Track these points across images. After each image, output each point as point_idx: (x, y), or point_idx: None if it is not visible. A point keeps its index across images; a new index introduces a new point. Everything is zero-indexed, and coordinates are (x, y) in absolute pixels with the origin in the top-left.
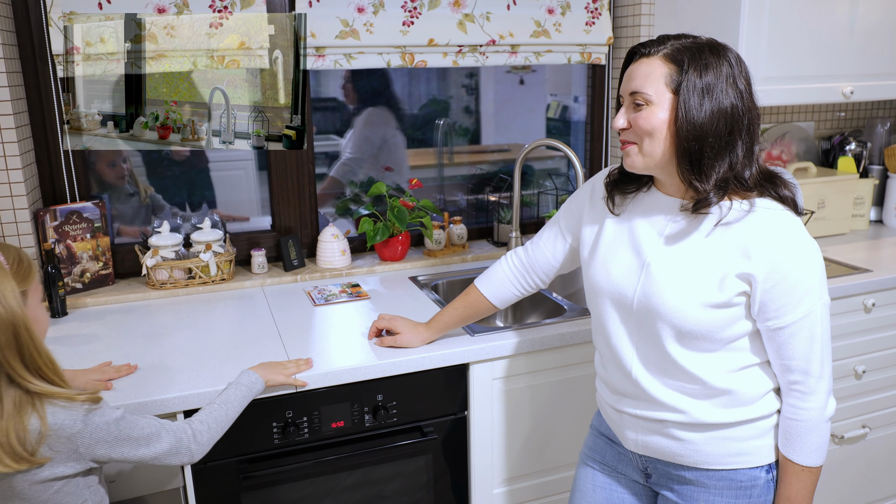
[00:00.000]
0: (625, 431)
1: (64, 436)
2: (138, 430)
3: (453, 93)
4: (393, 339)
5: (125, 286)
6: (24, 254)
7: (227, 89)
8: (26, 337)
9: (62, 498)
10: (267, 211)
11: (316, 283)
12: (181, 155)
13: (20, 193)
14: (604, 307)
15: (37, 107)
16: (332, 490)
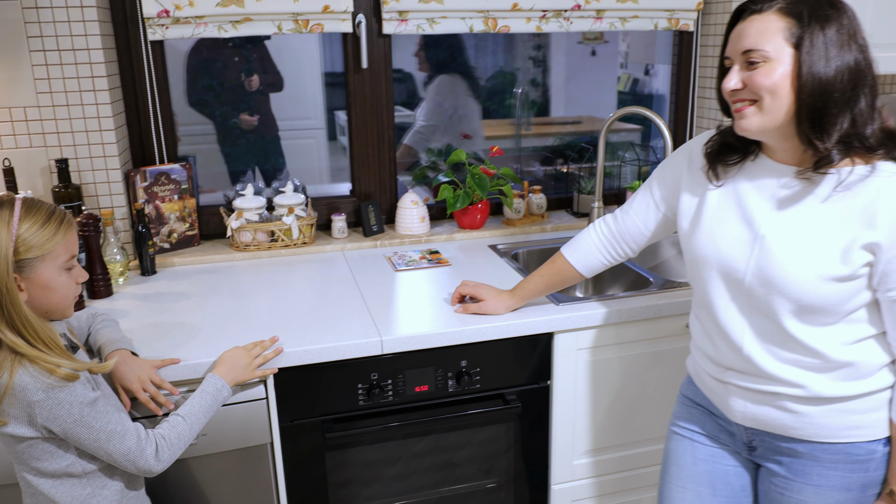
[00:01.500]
0: (730, 403)
1: (24, 400)
2: (103, 422)
3: (520, 65)
4: (477, 305)
5: (210, 247)
6: (57, 216)
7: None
8: (6, 300)
9: (33, 453)
10: (336, 179)
11: (395, 249)
12: (249, 124)
13: (112, 154)
14: (710, 281)
15: (127, 70)
16: (403, 455)
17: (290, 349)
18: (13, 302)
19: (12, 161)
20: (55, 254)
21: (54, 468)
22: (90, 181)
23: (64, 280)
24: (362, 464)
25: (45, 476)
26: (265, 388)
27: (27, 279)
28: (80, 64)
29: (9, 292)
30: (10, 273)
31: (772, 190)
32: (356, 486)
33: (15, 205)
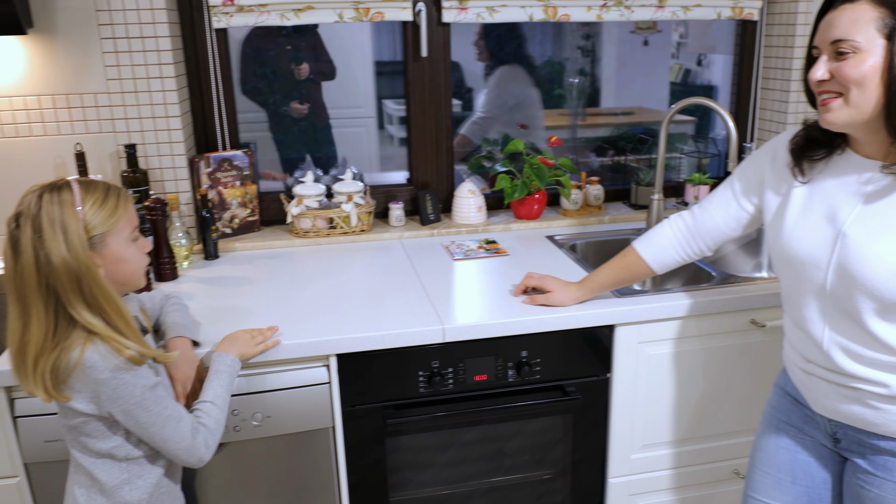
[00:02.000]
0: (814, 395)
1: (91, 377)
2: (161, 406)
3: (569, 54)
4: (545, 297)
5: (270, 233)
6: (112, 193)
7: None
8: (91, 282)
9: (85, 429)
10: (385, 168)
11: (452, 238)
12: (299, 112)
13: (178, 140)
14: (792, 278)
15: (192, 57)
16: (459, 443)
17: (352, 335)
18: (95, 279)
19: (83, 146)
20: (120, 227)
21: (100, 447)
22: (156, 166)
23: (133, 251)
24: (419, 450)
25: (90, 453)
26: (328, 373)
27: (101, 255)
28: (148, 51)
29: (89, 270)
30: (88, 252)
31: (857, 185)
32: (413, 471)
33: (73, 186)
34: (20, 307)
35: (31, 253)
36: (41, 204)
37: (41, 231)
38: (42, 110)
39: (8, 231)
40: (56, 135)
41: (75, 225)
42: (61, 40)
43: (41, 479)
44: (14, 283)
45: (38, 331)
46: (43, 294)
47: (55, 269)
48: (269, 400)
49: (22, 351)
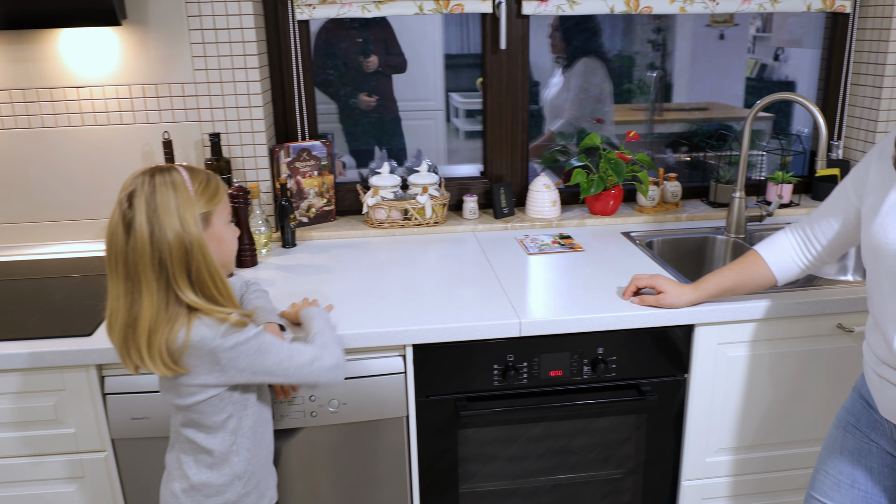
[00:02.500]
0: (883, 399)
1: (205, 348)
2: (278, 345)
3: (639, 48)
4: (656, 298)
5: (345, 223)
6: (213, 176)
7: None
8: (199, 258)
9: (207, 405)
10: (452, 161)
11: (527, 233)
12: (368, 104)
13: (260, 130)
14: (877, 270)
15: (275, 49)
16: (531, 438)
17: (429, 326)
18: (204, 254)
19: (170, 134)
20: (221, 208)
21: (213, 421)
22: (238, 155)
23: (230, 233)
24: (489, 443)
25: (202, 428)
26: (404, 363)
27: (206, 234)
28: (234, 43)
29: (200, 246)
30: (200, 228)
31: None
32: (483, 463)
33: (181, 171)
34: (129, 284)
35: (146, 230)
36: (154, 184)
37: (156, 209)
38: (132, 99)
39: (120, 211)
40: (144, 123)
41: (188, 203)
42: (152, 32)
43: (127, 454)
44: (126, 260)
45: (149, 307)
46: (155, 270)
47: (169, 245)
48: (346, 387)
49: (132, 327)
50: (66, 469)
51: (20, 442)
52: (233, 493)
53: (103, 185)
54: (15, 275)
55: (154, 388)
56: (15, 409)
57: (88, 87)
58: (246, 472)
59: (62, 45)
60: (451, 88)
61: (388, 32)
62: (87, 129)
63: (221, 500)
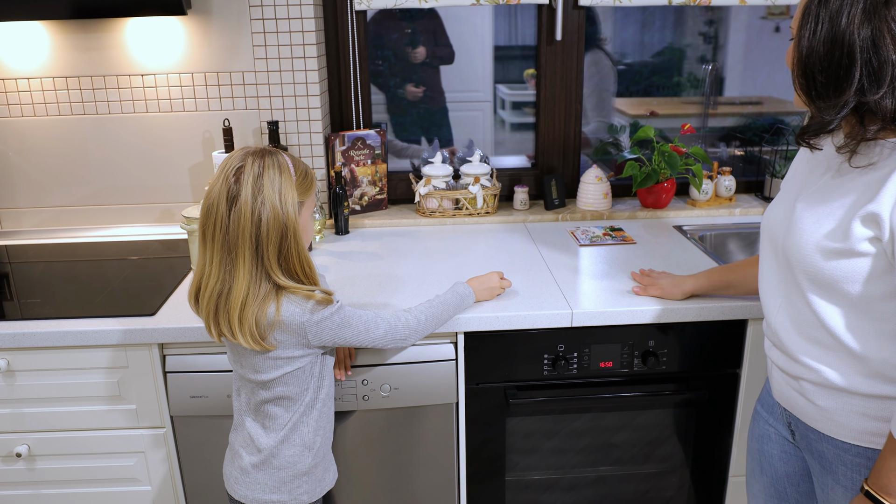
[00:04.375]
0: (772, 380)
1: (294, 324)
2: (356, 317)
3: (689, 41)
4: (656, 289)
5: (397, 211)
6: (310, 170)
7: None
8: (292, 240)
9: (289, 377)
10: (498, 152)
11: (577, 224)
12: (415, 95)
13: (316, 119)
14: (762, 250)
15: (332, 38)
16: (578, 428)
17: (481, 314)
18: (297, 237)
19: (230, 121)
20: (311, 200)
21: (289, 391)
22: (295, 143)
23: (311, 223)
24: (536, 432)
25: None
26: (455, 350)
27: (298, 219)
28: (293, 32)
29: (295, 233)
30: (297, 212)
31: (835, 159)
32: (530, 452)
33: (285, 157)
34: (225, 255)
35: (249, 205)
36: (264, 164)
37: (262, 187)
38: (194, 87)
39: (225, 184)
40: (206, 111)
41: (290, 188)
42: (215, 21)
43: (184, 432)
44: (226, 232)
45: (243, 281)
46: (252, 246)
47: (267, 224)
48: (397, 372)
49: (224, 297)
50: (128, 443)
51: (84, 416)
52: (303, 464)
53: (164, 170)
54: (79, 256)
55: (212, 367)
56: (81, 384)
57: (153, 76)
58: (314, 442)
59: (128, 34)
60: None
61: (436, 24)
62: (150, 116)
63: (293, 471)
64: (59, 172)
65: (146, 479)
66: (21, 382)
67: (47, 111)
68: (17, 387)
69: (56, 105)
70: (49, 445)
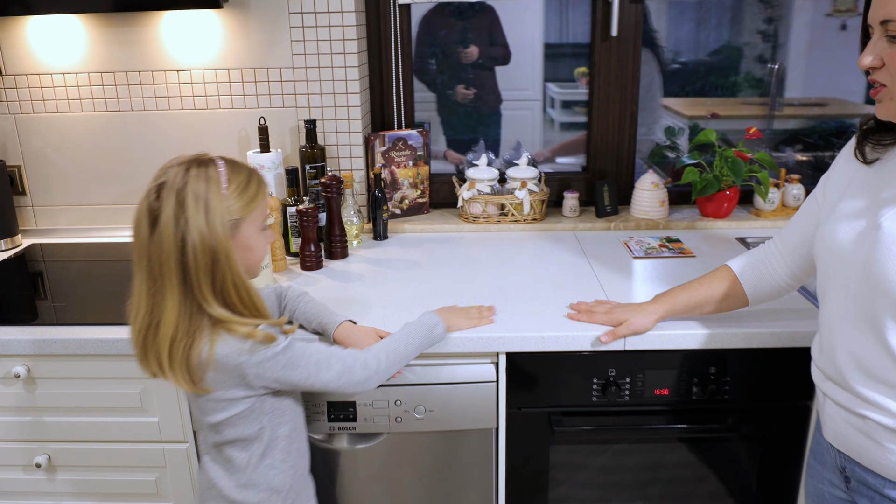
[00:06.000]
0: (826, 419)
1: (230, 365)
2: (306, 358)
3: (747, 39)
4: (625, 327)
5: (439, 216)
6: (255, 177)
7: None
8: (224, 265)
9: (239, 419)
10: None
11: (631, 234)
12: (465, 97)
13: (356, 117)
14: (824, 276)
15: (374, 34)
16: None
17: (525, 333)
18: (231, 266)
19: (266, 119)
20: (256, 215)
21: (243, 433)
22: (333, 143)
23: (261, 240)
24: (582, 460)
25: (232, 444)
26: (496, 371)
27: (233, 240)
28: (333, 27)
29: (227, 258)
30: (228, 234)
31: None
32: (575, 483)
33: (219, 165)
34: (152, 283)
35: (171, 227)
36: (188, 178)
37: (185, 205)
38: (231, 83)
39: (147, 202)
40: (242, 108)
41: (219, 204)
42: (253, 14)
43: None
44: (149, 256)
45: (172, 313)
46: (179, 274)
47: (193, 247)
48: (433, 393)
49: (153, 330)
50: (149, 458)
51: (106, 427)
52: None
53: None
54: (111, 256)
55: None
56: (102, 395)
57: (188, 71)
58: (283, 485)
59: (164, 28)
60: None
61: (492, 21)
62: (185, 112)
63: None
64: (94, 170)
65: (168, 495)
66: (42, 390)
67: (82, 107)
68: (38, 395)
69: (91, 101)
70: (69, 456)
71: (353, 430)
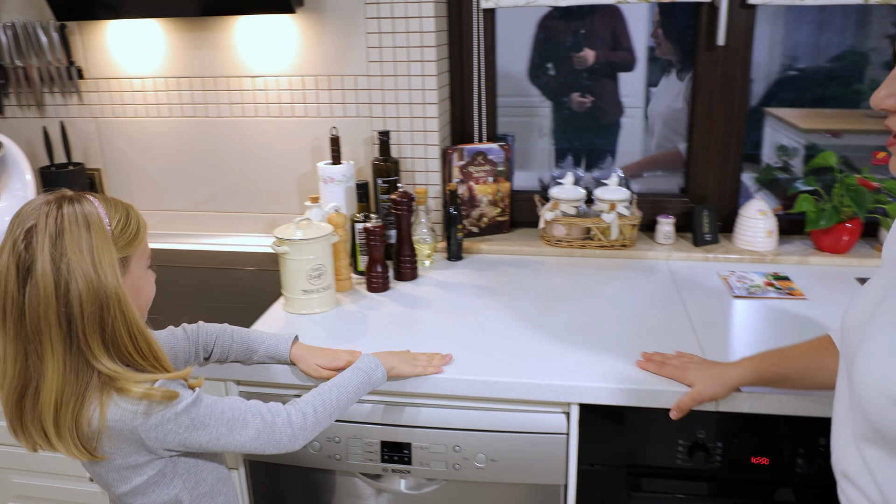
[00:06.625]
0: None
1: (125, 430)
2: (216, 416)
3: (874, 44)
4: (690, 397)
5: (518, 237)
6: (133, 213)
7: None
8: (116, 312)
9: (148, 486)
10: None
11: (733, 267)
12: (581, 106)
13: (433, 129)
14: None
15: (456, 40)
16: None
17: (602, 384)
18: (126, 311)
19: (338, 130)
20: (141, 251)
21: (160, 501)
22: (408, 156)
23: (149, 279)
24: None
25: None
26: (567, 423)
27: (124, 283)
28: (412, 33)
29: (120, 302)
30: (119, 276)
31: None
32: None
33: (94, 202)
34: (22, 345)
35: (50, 279)
36: (63, 220)
37: (65, 252)
38: (305, 91)
39: (12, 251)
40: (315, 116)
41: (106, 245)
42: (329, 20)
43: (258, 477)
44: (19, 315)
45: (55, 375)
46: (62, 330)
47: (78, 295)
48: (496, 441)
49: (30, 398)
50: None
51: None
52: None
53: (271, 179)
54: (183, 263)
55: None
56: None
57: (262, 78)
58: None
59: (238, 33)
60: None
61: (617, 23)
62: (259, 119)
63: None
64: (170, 175)
65: None
66: None
67: (160, 112)
68: None
69: (168, 106)
70: None
71: (406, 473)
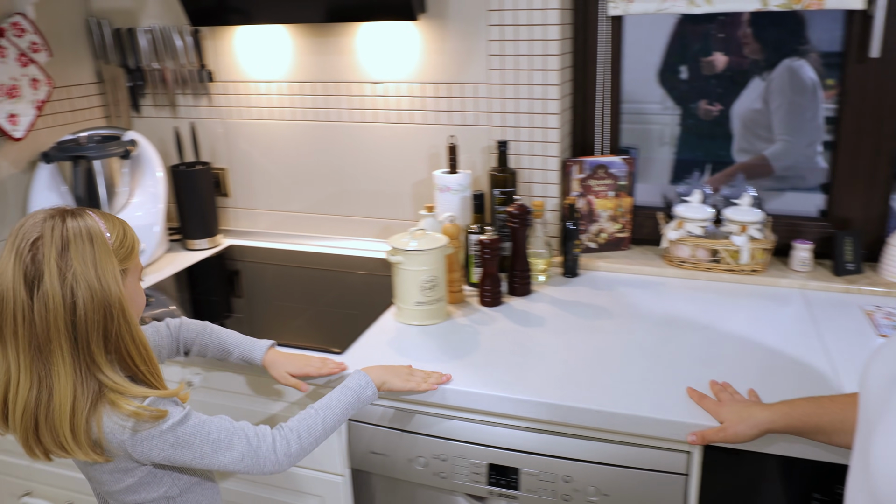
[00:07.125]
0: None
1: (114, 442)
2: (202, 435)
3: None
4: (714, 432)
5: (639, 255)
6: (129, 229)
7: None
8: (120, 320)
9: (139, 485)
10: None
11: (878, 302)
12: (709, 114)
13: (553, 140)
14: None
15: (580, 48)
16: None
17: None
18: (128, 320)
19: (456, 138)
20: (136, 264)
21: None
22: (526, 167)
23: (141, 292)
24: None
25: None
26: (687, 464)
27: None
28: (535, 40)
29: (122, 310)
30: (121, 286)
31: None
32: None
33: (95, 217)
34: (33, 357)
35: (58, 287)
36: (67, 233)
37: (70, 262)
38: (424, 98)
39: (19, 265)
40: (434, 123)
41: (108, 258)
42: (450, 27)
43: (361, 485)
44: (31, 329)
45: (66, 381)
46: (70, 340)
47: (84, 305)
48: (610, 475)
49: (44, 410)
50: (306, 483)
51: None
52: None
53: (388, 185)
54: (298, 263)
55: (397, 425)
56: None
57: (383, 84)
58: None
59: (360, 39)
60: None
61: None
62: (379, 126)
63: None
64: (291, 177)
65: None
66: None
67: (283, 115)
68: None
69: (291, 110)
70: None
71: (513, 499)
